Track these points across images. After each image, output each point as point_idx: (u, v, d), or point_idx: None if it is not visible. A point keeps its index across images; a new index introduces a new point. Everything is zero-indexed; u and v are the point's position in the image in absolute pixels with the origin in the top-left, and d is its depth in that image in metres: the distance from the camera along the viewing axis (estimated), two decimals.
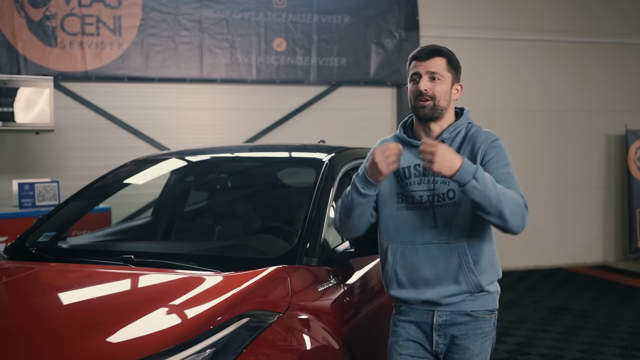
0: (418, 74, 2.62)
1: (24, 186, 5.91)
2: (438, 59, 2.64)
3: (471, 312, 2.63)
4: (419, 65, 2.63)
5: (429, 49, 2.66)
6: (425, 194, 2.62)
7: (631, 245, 9.27)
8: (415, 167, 2.65)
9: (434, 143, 2.40)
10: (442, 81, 2.62)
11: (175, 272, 2.90)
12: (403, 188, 2.67)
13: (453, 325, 2.64)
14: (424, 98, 2.60)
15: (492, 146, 2.62)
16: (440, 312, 2.64)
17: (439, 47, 2.68)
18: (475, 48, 8.74)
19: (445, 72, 2.64)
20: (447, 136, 2.65)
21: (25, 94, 6.22)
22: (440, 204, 2.60)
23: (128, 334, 2.36)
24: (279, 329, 2.57)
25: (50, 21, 7.14)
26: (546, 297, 7.34)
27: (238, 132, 7.77)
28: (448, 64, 2.65)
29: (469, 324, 2.63)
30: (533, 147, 9.03)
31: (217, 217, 4.43)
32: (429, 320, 2.66)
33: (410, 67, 2.68)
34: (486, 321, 2.66)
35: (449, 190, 2.60)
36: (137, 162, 4.16)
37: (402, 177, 2.68)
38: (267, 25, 7.91)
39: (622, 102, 9.45)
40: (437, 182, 2.61)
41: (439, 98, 2.61)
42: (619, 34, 9.42)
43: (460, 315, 2.63)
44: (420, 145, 2.43)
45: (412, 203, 2.65)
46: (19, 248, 3.49)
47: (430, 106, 2.60)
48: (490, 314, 2.68)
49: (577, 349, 5.43)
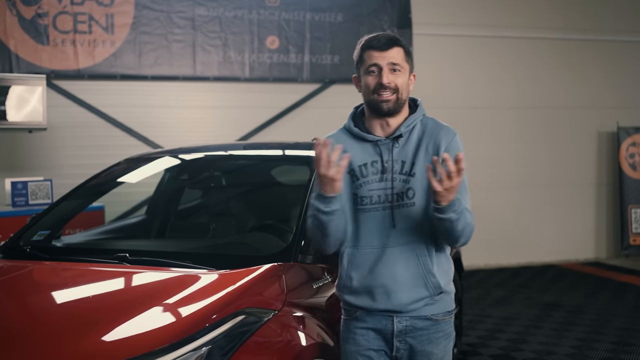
0: (378, 65, 2.45)
1: (17, 185, 5.90)
2: (397, 48, 2.47)
3: (431, 316, 2.49)
4: (378, 56, 2.45)
5: (386, 38, 2.48)
6: (384, 193, 2.46)
7: (623, 242, 9.32)
8: (373, 164, 2.49)
9: (454, 184, 2.24)
10: (403, 72, 2.47)
11: (170, 270, 2.91)
12: (359, 188, 2.49)
13: (414, 330, 2.49)
14: (387, 92, 2.44)
15: (452, 145, 2.47)
16: (400, 318, 2.48)
17: (395, 36, 2.52)
18: (468, 45, 8.76)
19: (405, 62, 2.48)
20: (405, 130, 2.49)
21: (17, 92, 6.20)
22: (399, 204, 2.45)
23: (124, 332, 2.37)
24: (274, 326, 2.58)
25: (42, 19, 7.11)
26: (539, 294, 7.37)
27: (231, 130, 7.77)
28: (406, 53, 2.50)
29: (430, 328, 2.50)
30: (525, 145, 9.06)
31: (211, 215, 4.44)
32: (389, 327, 2.49)
33: (365, 56, 2.48)
34: (446, 322, 2.55)
35: (408, 189, 2.45)
36: (130, 161, 4.17)
37: (359, 176, 2.50)
38: (260, 23, 7.90)
39: (614, 99, 9.49)
40: (395, 180, 2.45)
41: (401, 90, 2.47)
42: (612, 32, 9.44)
43: (420, 320, 2.49)
44: (438, 187, 2.23)
45: (369, 204, 2.47)
46: (14, 247, 3.49)
47: (394, 100, 2.46)
48: (449, 314, 2.56)
49: (570, 345, 5.46)
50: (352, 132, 2.57)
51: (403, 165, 2.46)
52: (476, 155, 8.68)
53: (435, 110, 2.58)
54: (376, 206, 2.46)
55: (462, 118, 8.48)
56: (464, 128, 8.52)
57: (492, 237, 8.65)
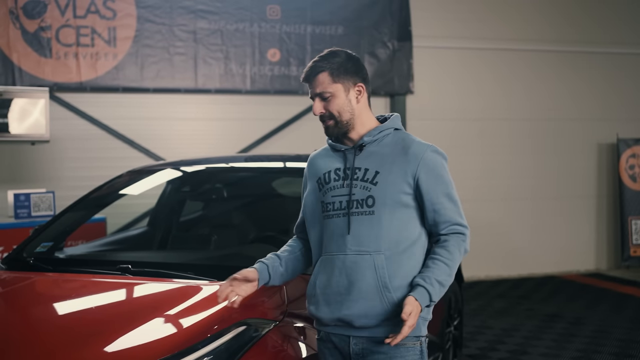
0: (311, 97, 2.49)
1: (19, 197, 5.93)
2: (321, 75, 2.44)
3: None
4: (310, 89, 2.49)
5: (308, 69, 2.48)
6: (345, 199, 2.44)
7: (623, 253, 9.33)
8: (336, 172, 2.50)
9: (413, 316, 2.23)
10: (334, 96, 2.44)
11: (172, 282, 2.93)
12: (324, 195, 2.50)
13: (371, 354, 2.38)
14: (324, 119, 2.49)
15: (425, 163, 2.41)
16: (356, 340, 2.40)
17: (315, 63, 2.47)
18: (465, 58, 8.77)
19: (332, 85, 2.44)
20: (368, 139, 2.46)
21: (20, 104, 6.24)
22: (357, 212, 2.40)
23: (126, 343, 2.40)
24: (275, 337, 2.60)
25: (45, 32, 7.17)
26: (539, 305, 7.37)
27: (232, 142, 7.80)
28: (331, 75, 2.44)
29: (389, 353, 2.35)
30: (526, 157, 9.09)
31: (213, 227, 4.46)
32: (347, 349, 2.42)
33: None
34: (408, 349, 2.37)
35: (368, 197, 2.40)
36: (132, 173, 4.20)
37: (323, 183, 2.52)
38: (261, 36, 7.96)
39: (614, 111, 9.52)
40: (356, 187, 2.43)
41: (338, 114, 2.45)
42: (614, 44, 9.49)
43: (377, 343, 2.36)
44: (406, 322, 2.21)
45: (332, 210, 2.46)
46: (17, 258, 3.52)
47: (333, 124, 2.47)
48: (415, 340, 2.39)
49: (571, 356, 5.46)
50: (328, 144, 2.61)
51: (366, 172, 2.44)
52: (477, 167, 8.72)
53: (432, 122, 2.61)
54: (337, 212, 2.45)
55: (460, 130, 8.51)
56: (462, 140, 8.67)
57: (492, 249, 8.66)
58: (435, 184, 2.41)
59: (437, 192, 2.41)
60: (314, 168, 2.61)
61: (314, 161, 2.65)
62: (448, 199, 2.43)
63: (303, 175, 2.70)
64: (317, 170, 2.58)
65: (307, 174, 2.66)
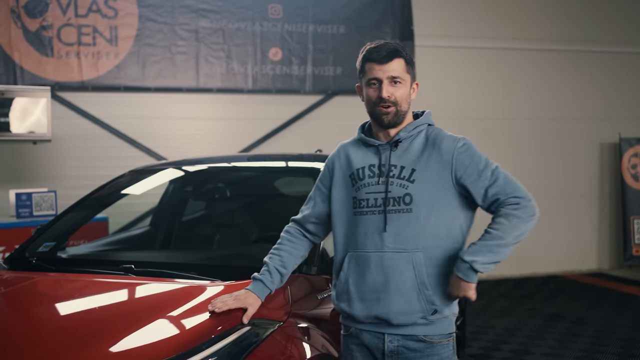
0: (378, 79, 2.44)
1: (21, 196, 5.92)
2: (397, 60, 2.44)
3: (425, 338, 2.41)
4: (378, 70, 2.43)
5: (386, 50, 2.44)
6: (380, 196, 2.43)
7: (626, 253, 9.31)
8: (370, 168, 2.49)
9: (471, 296, 2.37)
10: (403, 84, 2.46)
11: (176, 282, 2.92)
12: (357, 191, 2.49)
13: (406, 352, 2.41)
14: (386, 104, 2.43)
15: (460, 153, 2.44)
16: (391, 337, 2.42)
17: (395, 47, 2.46)
18: (468, 57, 8.79)
19: (405, 74, 2.47)
20: (404, 135, 2.48)
21: (22, 104, 6.23)
22: (393, 209, 2.41)
23: (129, 343, 2.38)
24: (279, 337, 2.58)
25: (46, 31, 7.16)
26: (542, 304, 7.36)
27: (234, 141, 7.79)
28: (407, 64, 2.47)
29: (424, 351, 2.41)
30: (528, 156, 9.07)
31: (215, 227, 4.45)
32: (380, 346, 2.44)
33: (366, 68, 2.47)
34: (443, 346, 2.43)
35: (405, 195, 2.40)
36: (135, 172, 4.19)
37: (356, 179, 2.51)
38: (263, 35, 7.95)
39: (616, 110, 9.51)
40: (392, 184, 2.43)
41: (400, 103, 2.45)
42: (616, 43, 9.48)
43: (413, 341, 2.41)
44: (456, 293, 2.39)
45: (366, 207, 2.46)
46: (19, 258, 3.51)
47: (393, 112, 2.45)
48: (447, 337, 2.45)
49: (573, 356, 5.45)
50: (360, 138, 2.58)
51: (402, 170, 2.44)
52: None
53: (436, 121, 2.58)
54: (372, 209, 2.44)
55: (463, 129, 8.34)
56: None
57: None
58: (474, 173, 2.43)
59: (480, 179, 2.43)
60: (345, 161, 2.58)
61: (344, 152, 2.61)
62: (492, 179, 2.44)
63: (326, 163, 2.67)
64: (350, 164, 2.56)
65: (336, 164, 2.62)
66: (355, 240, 2.48)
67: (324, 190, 2.65)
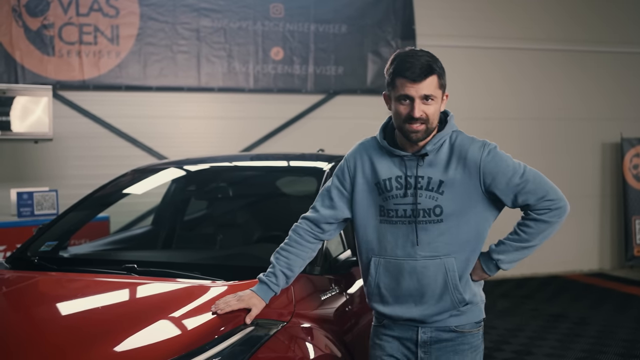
0: (410, 97, 2.38)
1: (22, 195, 5.91)
2: (431, 78, 2.39)
3: (456, 328, 2.51)
4: (410, 87, 2.37)
5: (420, 67, 2.37)
6: (409, 207, 2.45)
7: (627, 253, 9.31)
8: (397, 180, 2.48)
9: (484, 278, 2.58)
10: (435, 101, 2.42)
11: (179, 281, 2.91)
12: (385, 201, 2.50)
13: (439, 342, 2.51)
14: (417, 123, 2.39)
15: (487, 163, 2.46)
16: (424, 329, 2.52)
17: (429, 63, 2.40)
18: (471, 57, 8.78)
19: (438, 90, 2.43)
20: (431, 148, 2.45)
21: (23, 103, 6.22)
22: (424, 220, 2.44)
23: (132, 343, 2.37)
24: (282, 337, 2.58)
25: (48, 30, 7.15)
26: (543, 305, 7.36)
27: (235, 140, 7.78)
28: (439, 79, 2.43)
29: (456, 340, 2.51)
30: (529, 156, 8.91)
31: (218, 226, 4.44)
32: (414, 337, 2.54)
33: (397, 83, 2.42)
34: (473, 335, 2.55)
35: (435, 207, 2.43)
36: (137, 172, 4.18)
37: (384, 190, 2.50)
38: (264, 34, 7.94)
39: (618, 110, 9.49)
40: (421, 196, 2.44)
41: (432, 120, 2.41)
42: (617, 43, 9.47)
43: (445, 331, 2.51)
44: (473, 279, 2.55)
45: (395, 217, 2.48)
46: (21, 257, 3.50)
47: (423, 130, 2.41)
48: (477, 326, 2.56)
49: (575, 357, 5.45)
50: (382, 145, 2.56)
51: (429, 181, 2.44)
52: None
53: None
54: (402, 219, 2.47)
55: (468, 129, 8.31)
56: None
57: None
58: (503, 182, 2.46)
59: (508, 187, 2.47)
60: (370, 167, 2.56)
61: (367, 158, 2.58)
62: (521, 186, 2.47)
63: (345, 164, 2.65)
64: (375, 173, 2.53)
65: (358, 168, 2.59)
66: (383, 247, 2.52)
67: (346, 194, 2.62)
